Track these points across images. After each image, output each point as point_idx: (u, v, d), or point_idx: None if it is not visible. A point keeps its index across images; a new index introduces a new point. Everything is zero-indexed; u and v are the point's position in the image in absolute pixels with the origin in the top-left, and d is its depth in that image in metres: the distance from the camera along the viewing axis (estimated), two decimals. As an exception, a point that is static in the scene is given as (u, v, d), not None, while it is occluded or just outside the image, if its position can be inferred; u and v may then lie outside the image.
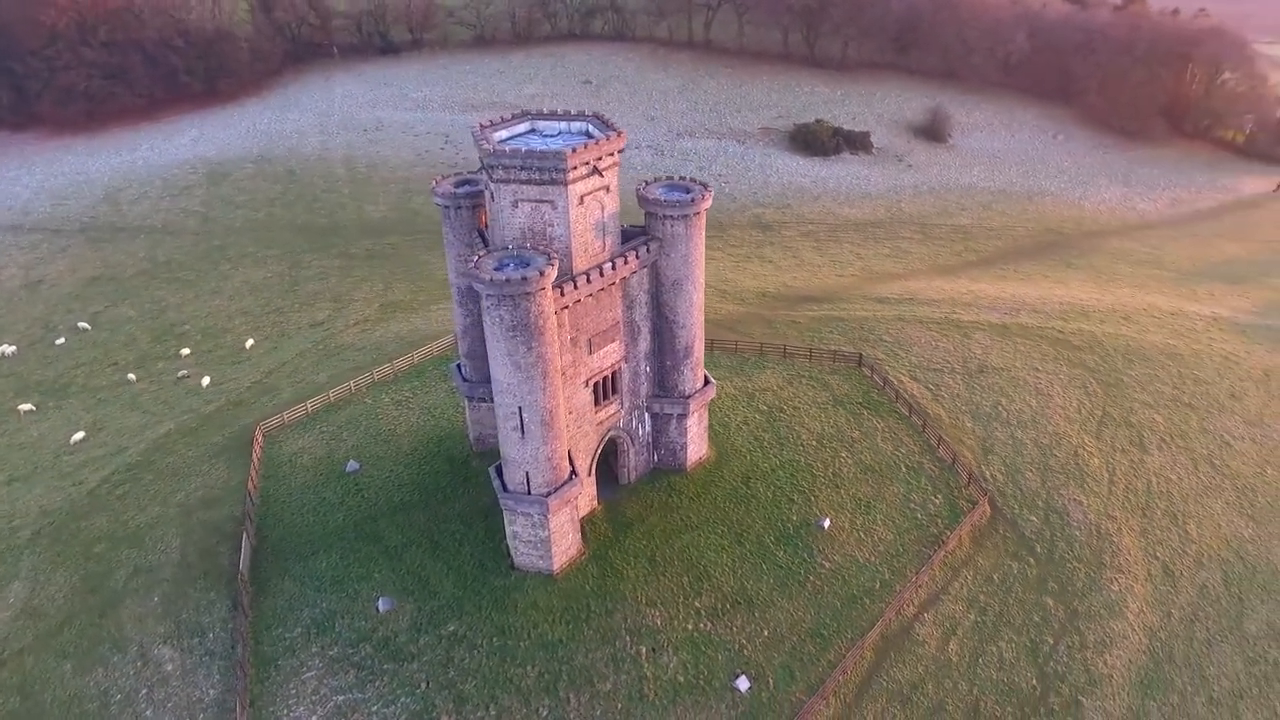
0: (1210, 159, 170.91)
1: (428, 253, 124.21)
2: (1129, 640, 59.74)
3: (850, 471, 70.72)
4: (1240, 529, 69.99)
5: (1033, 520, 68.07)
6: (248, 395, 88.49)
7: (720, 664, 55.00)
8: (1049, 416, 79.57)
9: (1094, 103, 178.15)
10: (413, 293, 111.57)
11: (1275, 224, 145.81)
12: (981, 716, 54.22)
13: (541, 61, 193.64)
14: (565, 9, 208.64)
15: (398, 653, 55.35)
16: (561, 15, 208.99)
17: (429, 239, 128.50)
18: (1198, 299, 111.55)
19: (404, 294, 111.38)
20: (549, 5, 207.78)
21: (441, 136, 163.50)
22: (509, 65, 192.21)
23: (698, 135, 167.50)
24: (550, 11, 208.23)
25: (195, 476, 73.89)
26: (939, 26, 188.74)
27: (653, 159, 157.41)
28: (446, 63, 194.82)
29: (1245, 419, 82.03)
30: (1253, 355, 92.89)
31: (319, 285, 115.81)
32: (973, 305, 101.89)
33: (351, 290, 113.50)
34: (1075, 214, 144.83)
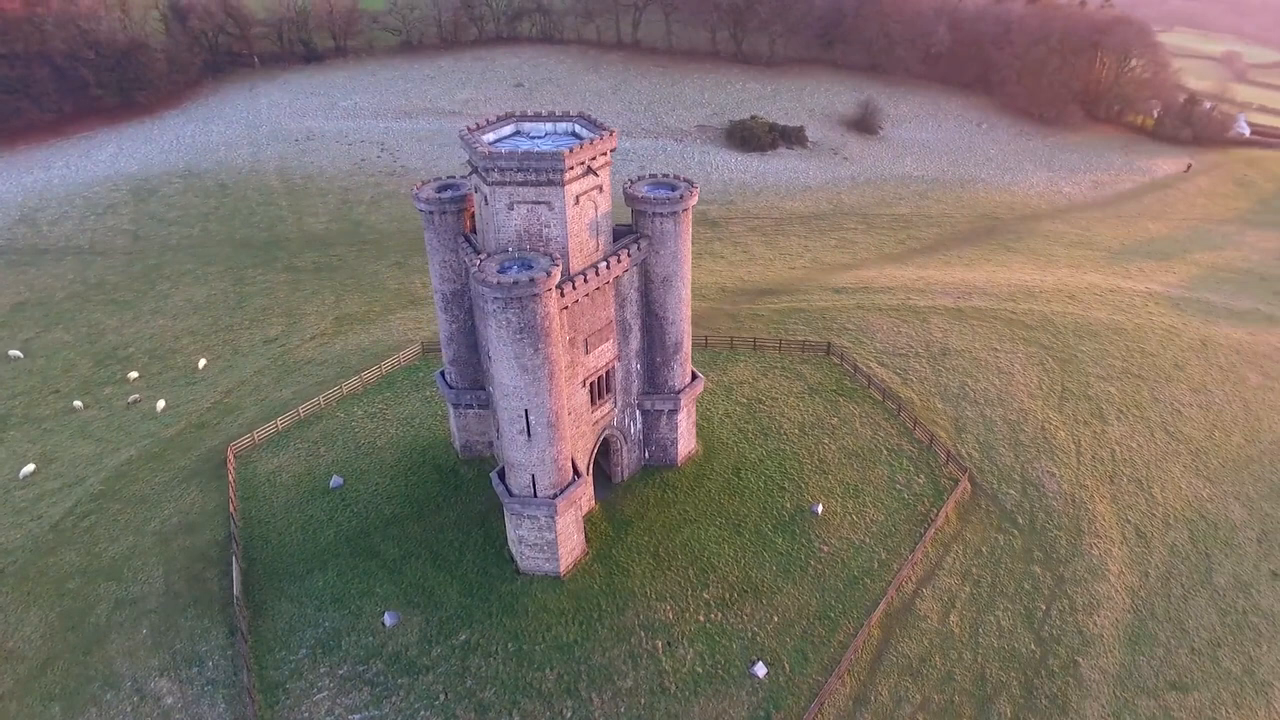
0: (1124, 143, 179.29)
1: (376, 263, 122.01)
2: (1114, 601, 62.56)
3: (835, 457, 72.23)
4: (1199, 490, 73.87)
5: (1011, 494, 70.63)
6: (209, 416, 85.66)
7: (735, 652, 55.68)
8: (1013, 394, 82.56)
9: (1014, 92, 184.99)
10: (366, 304, 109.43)
11: (1189, 203, 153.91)
12: (988, 683, 56.12)
13: (471, 66, 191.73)
14: (491, 12, 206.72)
15: (410, 666, 54.50)
16: (488, 19, 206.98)
17: (376, 250, 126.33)
18: (1130, 276, 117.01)
19: (357, 306, 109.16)
20: (475, 9, 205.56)
21: (376, 145, 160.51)
22: (439, 71, 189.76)
23: (635, 135, 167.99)
24: (476, 15, 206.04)
25: (167, 503, 71.25)
26: (863, 21, 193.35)
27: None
28: (374, 69, 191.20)
29: (1190, 387, 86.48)
30: (1189, 327, 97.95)
31: (267, 300, 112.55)
32: (926, 291, 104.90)
33: (302, 304, 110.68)
34: (1007, 199, 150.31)
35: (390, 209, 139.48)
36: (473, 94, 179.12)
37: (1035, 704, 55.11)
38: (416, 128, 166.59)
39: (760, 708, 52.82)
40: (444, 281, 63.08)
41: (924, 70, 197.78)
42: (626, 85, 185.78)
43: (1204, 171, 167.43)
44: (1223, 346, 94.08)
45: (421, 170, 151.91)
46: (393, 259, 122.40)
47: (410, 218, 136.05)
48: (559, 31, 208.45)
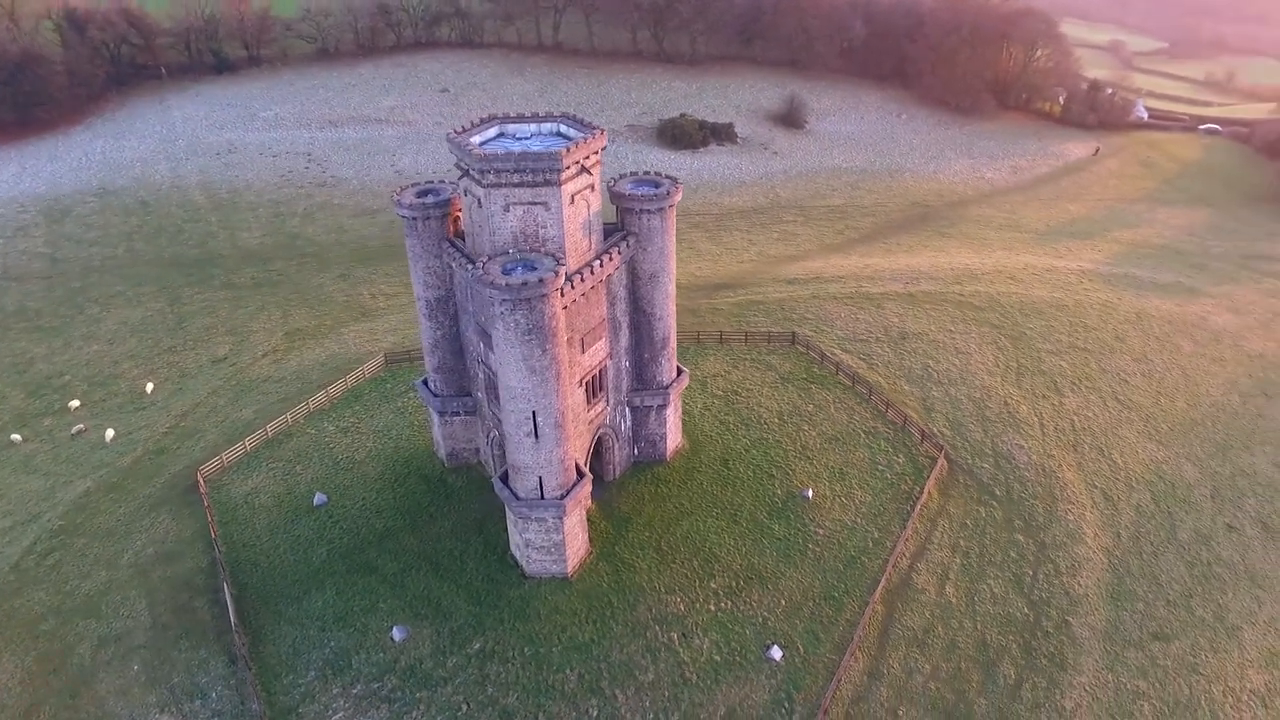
0: (1035, 129, 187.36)
1: (319, 276, 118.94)
2: (1093, 561, 65.70)
3: (816, 443, 73.84)
4: (1153, 453, 78.06)
5: (986, 467, 73.40)
6: (167, 441, 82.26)
7: (749, 638, 56.51)
8: (973, 372, 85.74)
9: (929, 83, 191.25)
10: (316, 318, 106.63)
11: (1102, 184, 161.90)
12: (990, 648, 58.32)
13: (393, 72, 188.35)
14: (409, 18, 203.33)
15: (427, 679, 53.61)
16: (406, 24, 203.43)
17: (317, 262, 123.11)
18: (1060, 255, 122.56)
19: (306, 320, 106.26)
20: (392, 15, 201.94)
21: (303, 156, 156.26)
22: (360, 78, 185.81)
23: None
24: (394, 21, 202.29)
25: (138, 533, 68.27)
26: (781, 18, 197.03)
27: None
28: (292, 78, 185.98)
29: (1132, 357, 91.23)
30: (1123, 301, 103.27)
31: (209, 320, 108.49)
32: (875, 278, 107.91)
33: (247, 322, 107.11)
34: (934, 187, 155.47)
35: (325, 221, 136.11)
36: (397, 101, 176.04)
37: (1036, 663, 57.53)
38: (343, 137, 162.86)
39: (781, 689, 53.77)
40: (428, 288, 62.21)
41: (842, 64, 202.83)
42: (553, 88, 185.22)
43: (1111, 154, 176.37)
44: (1155, 318, 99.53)
45: (353, 180, 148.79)
46: (336, 271, 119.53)
47: (349, 229, 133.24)
48: (479, 35, 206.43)
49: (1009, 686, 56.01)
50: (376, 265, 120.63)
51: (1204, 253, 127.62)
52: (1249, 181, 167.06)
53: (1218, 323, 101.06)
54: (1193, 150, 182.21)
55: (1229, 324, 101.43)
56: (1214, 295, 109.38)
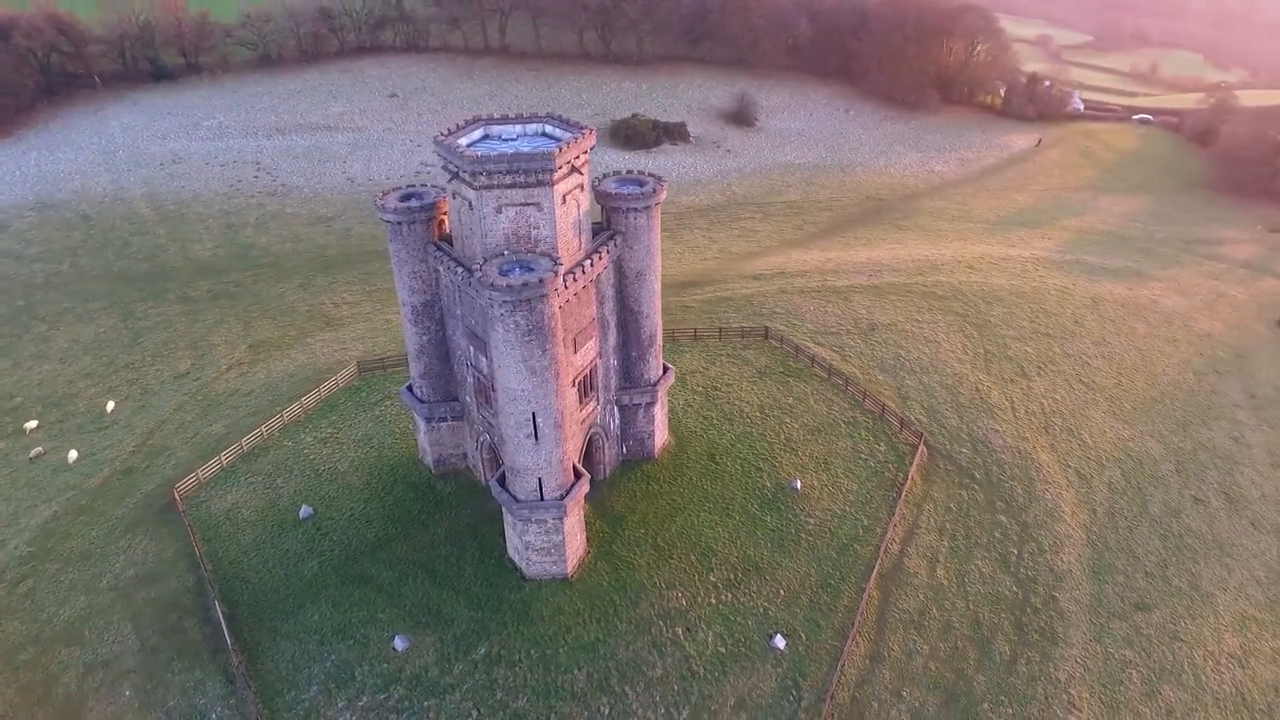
0: (979, 122, 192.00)
1: (278, 286, 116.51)
2: (1073, 538, 67.78)
3: (799, 435, 74.83)
4: (1119, 431, 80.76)
5: (964, 452, 75.18)
6: (135, 460, 79.90)
7: (752, 629, 57.12)
8: (944, 360, 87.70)
9: (874, 79, 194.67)
10: (279, 329, 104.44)
11: (1046, 174, 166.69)
12: (983, 626, 59.82)
13: (339, 78, 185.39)
14: (352, 23, 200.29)
15: (434, 687, 53.11)
16: (349, 29, 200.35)
17: (274, 273, 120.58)
18: (1013, 244, 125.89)
19: (270, 332, 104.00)
20: (335, 20, 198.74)
21: (251, 165, 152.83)
22: (305, 85, 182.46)
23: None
24: (337, 26, 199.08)
25: (115, 555, 66.29)
26: (728, 17, 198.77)
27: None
28: (234, 86, 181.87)
29: (1092, 340, 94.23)
30: (1078, 286, 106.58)
31: (166, 334, 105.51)
32: (838, 272, 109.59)
33: (207, 335, 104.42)
34: (886, 181, 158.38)
35: (279, 230, 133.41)
36: (346, 107, 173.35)
37: (1028, 638, 59.19)
38: (291, 145, 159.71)
39: (787, 677, 54.49)
40: (413, 293, 61.57)
41: (789, 62, 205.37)
42: (502, 91, 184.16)
43: (1052, 145, 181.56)
44: (1109, 302, 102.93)
45: (304, 189, 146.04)
46: (296, 281, 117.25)
47: (304, 238, 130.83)
48: (424, 39, 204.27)
49: (1005, 662, 57.54)
50: (337, 274, 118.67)
51: (1148, 238, 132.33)
52: (1183, 169, 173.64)
53: (1167, 305, 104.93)
54: (1128, 140, 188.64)
55: (1178, 306, 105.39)
56: (1161, 279, 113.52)
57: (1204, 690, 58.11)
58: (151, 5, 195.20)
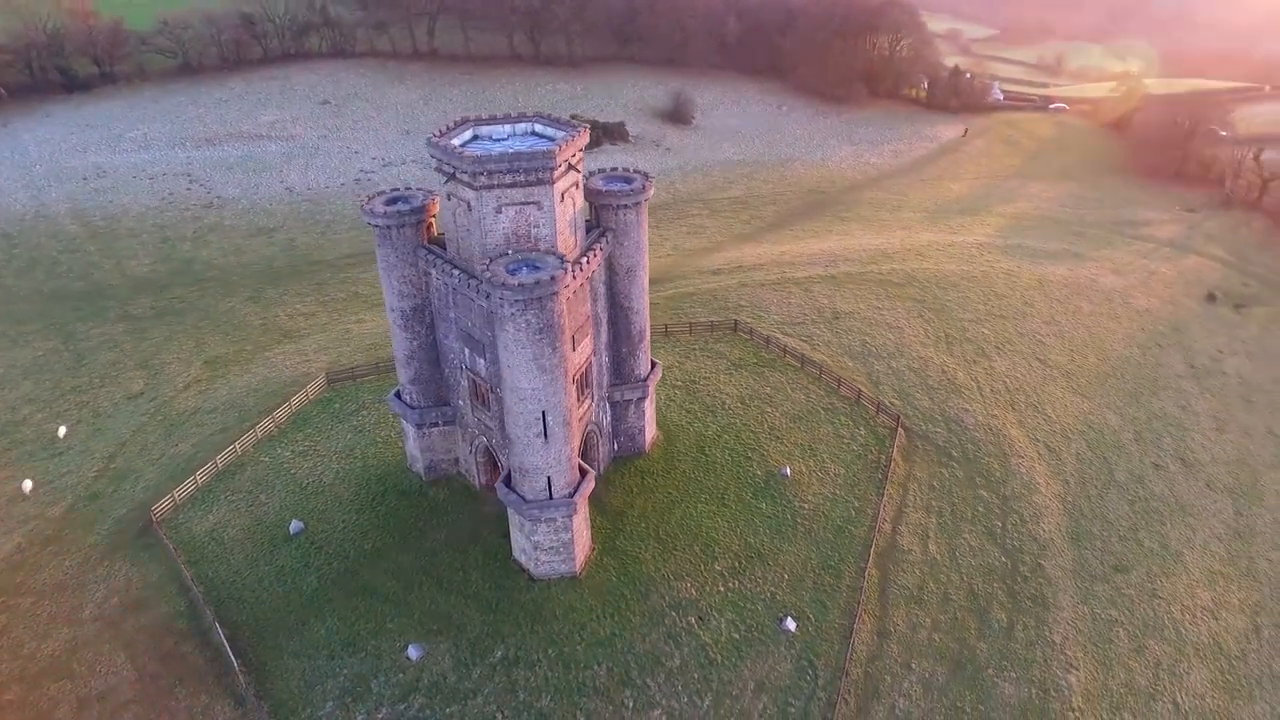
0: (907, 114, 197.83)
1: (226, 300, 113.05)
2: (1051, 508, 70.78)
3: (782, 423, 76.22)
4: (1079, 405, 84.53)
5: (940, 432, 77.66)
6: (99, 486, 76.78)
7: (762, 614, 58.13)
8: (908, 344, 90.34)
9: (804, 75, 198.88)
10: (234, 345, 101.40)
11: (975, 162, 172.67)
12: (979, 596, 62.08)
13: (267, 86, 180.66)
14: (275, 29, 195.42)
15: (455, 693, 52.64)
16: (272, 36, 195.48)
17: (220, 287, 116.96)
18: (955, 231, 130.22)
19: (224, 347, 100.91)
20: (257, 26, 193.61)
21: (183, 177, 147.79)
22: (231, 93, 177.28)
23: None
24: (259, 33, 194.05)
25: (95, 585, 63.69)
26: (658, 17, 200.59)
27: (423, 173, 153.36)
28: (156, 95, 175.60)
29: (1043, 320, 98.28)
30: (1023, 269, 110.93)
31: (112, 355, 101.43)
32: (795, 264, 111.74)
33: (157, 354, 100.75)
34: (825, 174, 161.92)
35: (219, 243, 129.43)
36: (277, 115, 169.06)
37: (1022, 605, 61.67)
38: (223, 155, 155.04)
39: (802, 658, 55.66)
40: (403, 298, 60.78)
41: (719, 60, 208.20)
42: (437, 95, 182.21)
43: (977, 135, 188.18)
44: (1054, 283, 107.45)
45: (241, 200, 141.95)
46: (244, 294, 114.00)
47: (247, 250, 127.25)
48: (351, 45, 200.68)
49: (1003, 629, 59.85)
50: (287, 285, 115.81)
51: (1079, 221, 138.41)
52: (1101, 154, 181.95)
53: (1106, 284, 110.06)
54: (1047, 128, 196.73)
55: (1116, 284, 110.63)
56: (1097, 259, 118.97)
57: (1185, 642, 61.46)
58: (59, 12, 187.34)
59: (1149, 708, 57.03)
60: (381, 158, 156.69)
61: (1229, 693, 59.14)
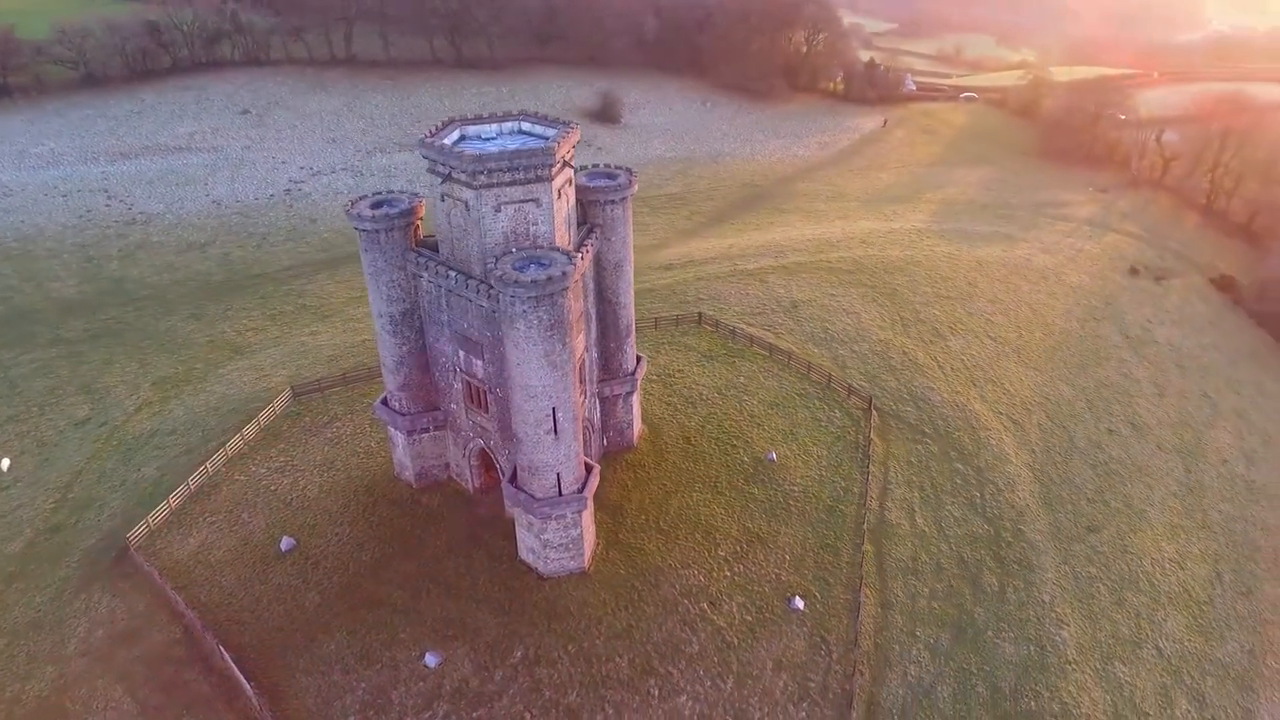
0: (827, 107, 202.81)
1: (165, 319, 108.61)
2: (1022, 476, 74.17)
3: (760, 411, 77.81)
4: (1033, 378, 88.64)
5: (910, 411, 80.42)
6: (60, 518, 73.18)
7: (770, 595, 59.43)
8: (867, 329, 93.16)
9: (724, 71, 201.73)
10: (181, 364, 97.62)
11: (898, 152, 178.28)
12: (969, 564, 64.73)
13: (181, 96, 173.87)
14: (184, 37, 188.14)
15: (479, 697, 52.31)
16: (181, 44, 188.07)
17: (157, 305, 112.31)
18: (891, 218, 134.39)
19: (171, 367, 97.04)
20: (164, 34, 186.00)
21: (100, 193, 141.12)
22: (143, 105, 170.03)
23: (389, 150, 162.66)
24: (166, 41, 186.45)
25: (75, 619, 60.83)
26: (577, 16, 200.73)
27: (354, 181, 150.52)
28: (59, 108, 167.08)
29: (987, 300, 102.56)
30: (962, 252, 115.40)
31: (48, 380, 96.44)
32: (744, 256, 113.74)
33: (99, 377, 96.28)
34: (757, 167, 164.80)
35: (149, 261, 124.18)
36: (195, 126, 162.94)
37: (1009, 569, 64.57)
38: (141, 169, 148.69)
39: (815, 634, 57.16)
40: (391, 303, 59.98)
41: (640, 58, 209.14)
42: (361, 101, 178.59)
43: (897, 125, 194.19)
44: (992, 264, 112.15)
45: (167, 215, 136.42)
46: (185, 312, 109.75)
47: (180, 266, 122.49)
48: (265, 52, 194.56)
49: (995, 593, 62.57)
50: (229, 300, 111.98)
51: (1004, 204, 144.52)
52: (1014, 140, 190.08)
53: (1039, 263, 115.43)
54: (960, 116, 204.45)
55: (1048, 263, 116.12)
56: (1027, 240, 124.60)
57: (1158, 592, 65.36)
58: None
59: (1136, 655, 60.52)
60: (310, 167, 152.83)
61: (1203, 635, 63.21)
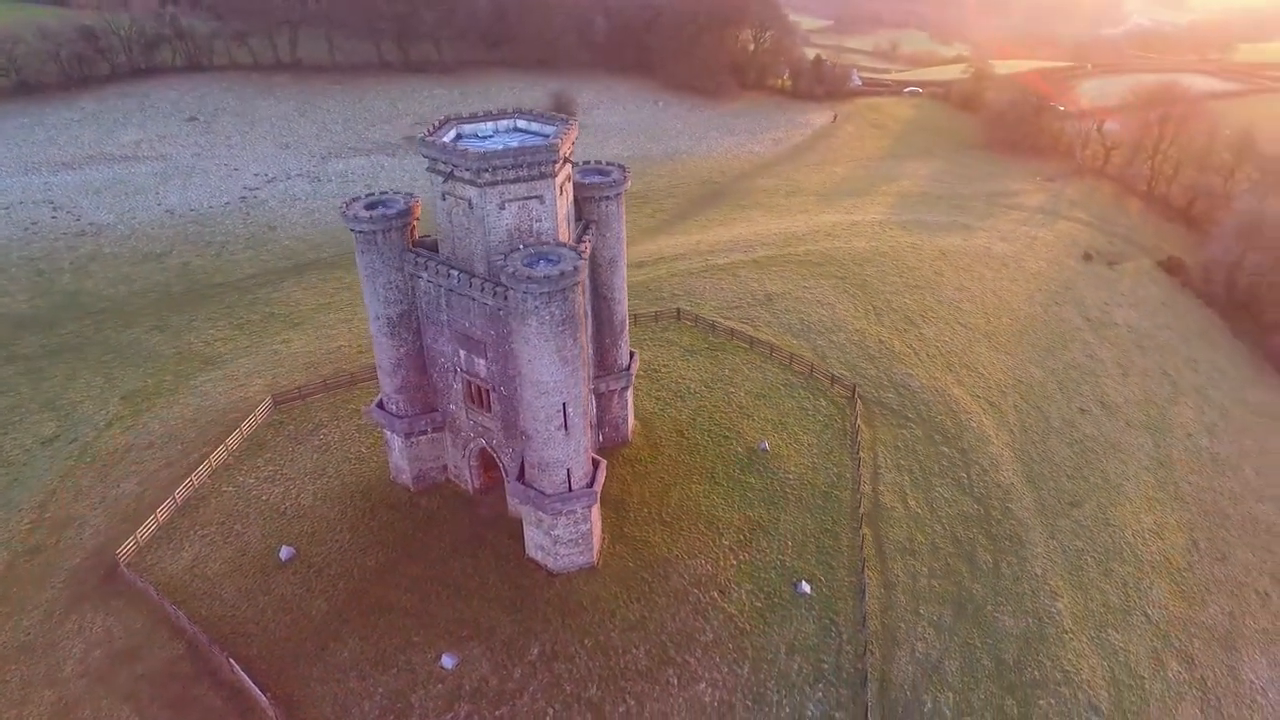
0: (777, 103, 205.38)
1: (127, 332, 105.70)
2: (1004, 455, 76.42)
3: (748, 402, 78.86)
4: (1005, 362, 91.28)
5: (892, 397, 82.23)
6: (39, 538, 70.84)
7: (776, 581, 60.41)
8: (842, 319, 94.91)
9: (673, 70, 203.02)
10: (150, 376, 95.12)
11: (850, 146, 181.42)
12: (962, 542, 66.56)
13: (123, 103, 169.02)
14: (121, 42, 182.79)
15: (500, 695, 52.24)
16: (118, 50, 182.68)
17: (118, 318, 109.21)
18: (851, 211, 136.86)
19: (140, 380, 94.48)
20: (99, 40, 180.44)
21: (45, 204, 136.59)
22: (84, 113, 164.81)
23: (344, 155, 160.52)
24: (103, 47, 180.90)
25: (68, 640, 59.13)
26: (527, 18, 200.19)
27: (310, 186, 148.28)
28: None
29: (954, 287, 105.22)
30: (925, 242, 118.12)
31: (9, 399, 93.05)
32: (714, 251, 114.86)
33: (63, 393, 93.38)
34: (714, 164, 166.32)
35: (104, 273, 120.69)
36: (140, 134, 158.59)
37: (1001, 545, 66.55)
38: (87, 179, 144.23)
39: (824, 616, 58.28)
40: (389, 305, 59.51)
41: (590, 59, 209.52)
42: (312, 106, 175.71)
43: (846, 120, 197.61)
44: (955, 253, 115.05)
45: (118, 226, 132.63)
46: (147, 324, 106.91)
47: (137, 277, 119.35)
48: (207, 57, 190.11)
49: (991, 569, 64.46)
50: (193, 311, 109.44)
51: (957, 195, 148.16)
52: (959, 133, 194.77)
53: (999, 250, 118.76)
54: (906, 110, 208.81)
55: (1006, 250, 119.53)
56: (984, 229, 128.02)
57: (1141, 561, 68.01)
58: None
59: (1126, 622, 62.94)
60: (264, 173, 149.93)
61: (1186, 601, 65.99)
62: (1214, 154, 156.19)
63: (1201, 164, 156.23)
